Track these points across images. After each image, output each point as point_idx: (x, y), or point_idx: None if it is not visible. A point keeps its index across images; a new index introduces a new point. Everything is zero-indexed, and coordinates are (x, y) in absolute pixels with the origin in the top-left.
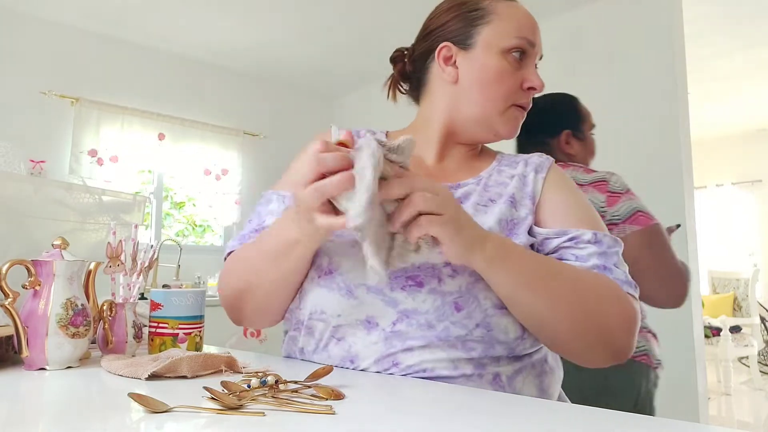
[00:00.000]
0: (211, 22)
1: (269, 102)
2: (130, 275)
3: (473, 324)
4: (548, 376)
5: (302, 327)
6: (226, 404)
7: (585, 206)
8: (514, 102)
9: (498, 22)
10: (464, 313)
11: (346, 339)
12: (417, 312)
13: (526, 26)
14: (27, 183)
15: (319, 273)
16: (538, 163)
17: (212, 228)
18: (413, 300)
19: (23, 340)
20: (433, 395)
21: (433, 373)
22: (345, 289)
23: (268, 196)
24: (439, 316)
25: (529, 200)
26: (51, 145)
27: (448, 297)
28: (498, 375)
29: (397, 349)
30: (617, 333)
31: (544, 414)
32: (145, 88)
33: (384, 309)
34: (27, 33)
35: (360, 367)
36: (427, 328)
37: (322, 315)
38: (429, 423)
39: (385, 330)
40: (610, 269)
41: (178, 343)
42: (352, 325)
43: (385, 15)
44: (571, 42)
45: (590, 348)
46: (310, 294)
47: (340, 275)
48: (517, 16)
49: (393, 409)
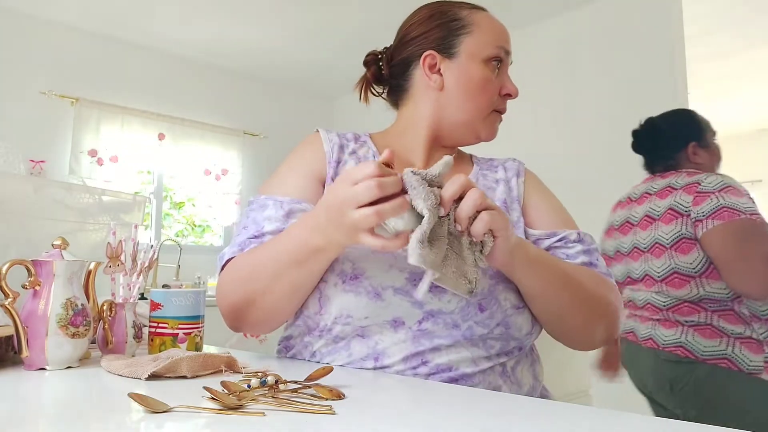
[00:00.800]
0: (211, 22)
1: (269, 102)
2: (130, 275)
3: (494, 323)
4: (537, 363)
5: (323, 332)
6: (226, 404)
7: (560, 206)
8: (495, 108)
9: (479, 33)
10: (487, 313)
11: (371, 336)
12: (442, 312)
13: (502, 36)
14: (27, 183)
15: (343, 278)
16: (516, 168)
17: (212, 228)
18: (439, 300)
19: (23, 340)
20: (432, 395)
21: (458, 371)
22: (373, 293)
23: (262, 201)
24: (464, 316)
25: (517, 204)
26: (51, 145)
27: (472, 298)
28: (504, 366)
29: (426, 347)
30: (612, 319)
31: (544, 414)
32: (145, 88)
33: (410, 310)
34: (27, 33)
35: (384, 363)
36: (453, 327)
37: (348, 319)
38: (429, 423)
39: (412, 328)
40: (594, 264)
41: (178, 343)
42: (379, 324)
43: (385, 15)
44: (571, 42)
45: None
46: (335, 299)
47: (366, 279)
48: (494, 27)
49: (393, 409)
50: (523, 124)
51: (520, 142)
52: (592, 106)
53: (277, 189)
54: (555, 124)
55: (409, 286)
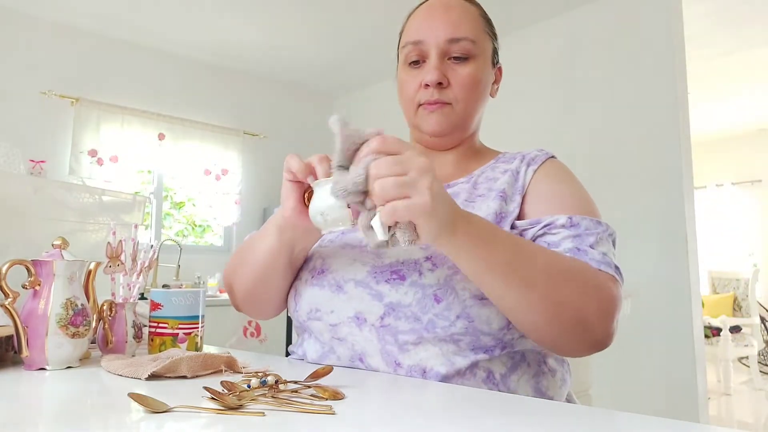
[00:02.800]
0: (211, 22)
1: (269, 102)
2: (130, 275)
3: (454, 315)
4: (546, 377)
5: (304, 331)
6: (226, 404)
7: (575, 194)
8: (418, 102)
9: (403, 38)
10: (444, 304)
11: (346, 338)
12: (401, 305)
13: (414, 29)
14: (27, 183)
15: (312, 274)
16: (532, 156)
17: (212, 228)
18: (396, 292)
19: (23, 340)
20: (432, 395)
21: (432, 372)
22: (335, 285)
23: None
24: (422, 308)
25: (518, 195)
26: (51, 145)
27: (428, 289)
28: (491, 372)
29: (395, 349)
30: (593, 320)
31: (544, 414)
32: (145, 88)
33: (371, 303)
34: (27, 33)
35: (371, 365)
36: (414, 321)
37: (317, 313)
38: (429, 423)
39: (375, 325)
40: (584, 251)
41: (178, 343)
42: (345, 323)
43: (385, 15)
44: (571, 42)
45: (566, 337)
46: (304, 294)
47: (330, 273)
48: (413, 22)
49: (393, 409)
50: (523, 124)
51: (521, 142)
52: (592, 106)
53: None
54: (555, 124)
55: (369, 278)
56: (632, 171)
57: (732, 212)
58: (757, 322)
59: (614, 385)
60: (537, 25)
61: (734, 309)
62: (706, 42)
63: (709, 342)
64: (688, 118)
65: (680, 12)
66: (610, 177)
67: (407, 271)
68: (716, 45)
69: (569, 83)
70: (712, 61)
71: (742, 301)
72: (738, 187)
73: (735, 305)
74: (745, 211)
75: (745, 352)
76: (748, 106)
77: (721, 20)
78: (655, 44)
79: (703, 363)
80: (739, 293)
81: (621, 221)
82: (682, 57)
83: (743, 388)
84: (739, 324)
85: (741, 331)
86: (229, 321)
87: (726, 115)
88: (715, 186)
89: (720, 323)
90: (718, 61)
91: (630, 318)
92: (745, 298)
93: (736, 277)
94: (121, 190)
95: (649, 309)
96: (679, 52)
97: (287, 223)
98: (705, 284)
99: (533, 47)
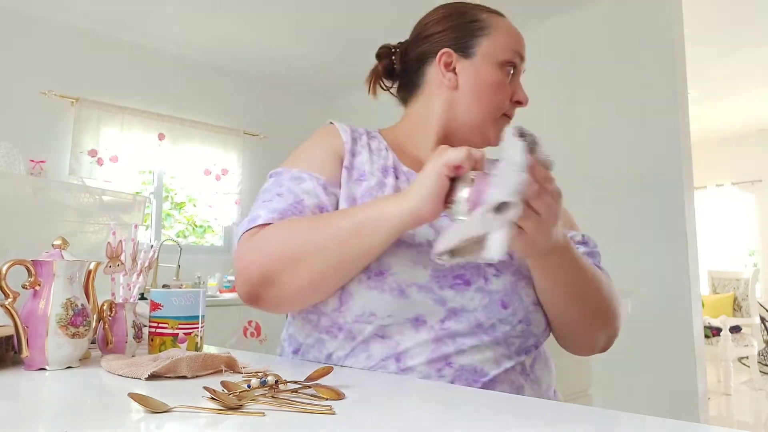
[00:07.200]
0: (211, 22)
1: (269, 102)
2: (130, 275)
3: (516, 320)
4: (551, 361)
5: (340, 330)
6: (226, 404)
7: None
8: (504, 112)
9: (496, 36)
10: (510, 310)
11: (392, 337)
12: (465, 310)
13: (518, 42)
14: (27, 183)
15: (368, 275)
16: None
17: (212, 228)
18: (462, 298)
19: (23, 340)
20: (433, 395)
21: (482, 373)
22: (397, 290)
23: (296, 173)
24: (487, 314)
25: None
26: (51, 145)
27: (495, 295)
28: (524, 364)
29: (451, 350)
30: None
31: (545, 414)
32: (145, 88)
33: (433, 307)
34: (27, 33)
35: (408, 365)
36: (476, 326)
37: (371, 317)
38: (429, 422)
39: (434, 327)
40: (601, 268)
41: (178, 343)
42: (399, 323)
43: (385, 15)
44: (571, 42)
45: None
46: (358, 296)
47: (391, 275)
48: (511, 32)
49: (393, 409)
50: (523, 124)
51: None
52: (592, 106)
53: (305, 165)
54: (555, 123)
55: (432, 283)
56: (632, 171)
57: (732, 212)
58: (757, 322)
59: (614, 385)
60: (536, 25)
61: (734, 309)
62: (706, 42)
63: (709, 342)
64: (688, 118)
65: (680, 12)
66: (611, 177)
67: (471, 276)
68: (716, 45)
69: (569, 83)
70: (712, 61)
71: (742, 301)
72: (738, 187)
73: (735, 305)
74: (745, 211)
75: (745, 352)
76: (748, 106)
77: (721, 20)
78: (655, 44)
79: (703, 363)
80: (739, 293)
81: (621, 221)
82: (682, 57)
83: (743, 388)
84: (739, 324)
85: (741, 331)
86: (229, 321)
87: (726, 115)
88: (715, 186)
89: (720, 323)
90: (718, 61)
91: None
92: (745, 298)
93: (736, 277)
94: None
95: (649, 309)
96: (679, 52)
97: (420, 221)
98: (705, 284)
99: (533, 47)
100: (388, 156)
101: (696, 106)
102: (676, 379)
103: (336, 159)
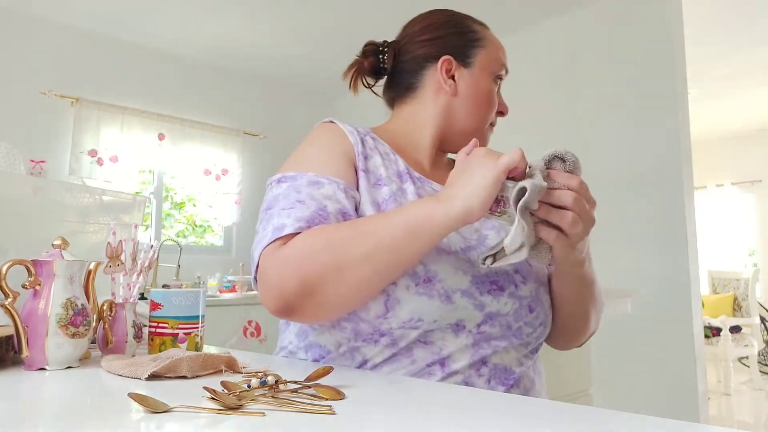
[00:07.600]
0: (211, 22)
1: (269, 102)
2: (130, 275)
3: (538, 323)
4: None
5: (382, 336)
6: (226, 404)
7: None
8: (490, 121)
9: (490, 49)
10: (534, 314)
11: (434, 342)
12: (499, 314)
13: (505, 55)
14: (27, 183)
15: (416, 281)
16: None
17: (212, 228)
18: (497, 303)
19: (23, 340)
20: (433, 395)
21: (510, 372)
22: (444, 296)
23: (311, 177)
24: (517, 317)
25: None
26: (51, 145)
27: (524, 300)
28: (535, 362)
29: (488, 352)
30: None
31: (545, 414)
32: (145, 88)
33: (473, 312)
34: (27, 33)
35: (453, 369)
36: (507, 329)
37: (418, 323)
38: (429, 422)
39: (472, 332)
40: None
41: (178, 343)
42: (442, 329)
43: (385, 15)
44: (571, 42)
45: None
46: (406, 303)
47: (438, 282)
48: (499, 45)
49: (393, 409)
50: (523, 124)
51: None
52: (592, 106)
53: (318, 168)
54: (555, 124)
55: (473, 288)
56: (632, 171)
57: (732, 212)
58: (757, 322)
59: (614, 385)
60: (536, 25)
61: (734, 309)
62: (706, 42)
63: (709, 342)
64: (687, 118)
65: (680, 12)
66: (610, 177)
67: (504, 283)
68: (716, 45)
69: (569, 83)
70: (712, 61)
71: (742, 301)
72: (738, 187)
73: (735, 305)
74: (745, 211)
75: (745, 352)
76: (748, 106)
77: (721, 20)
78: (655, 44)
79: (703, 363)
80: (739, 293)
81: (621, 221)
82: (682, 57)
83: (743, 388)
84: (739, 324)
85: (741, 331)
86: (229, 321)
87: (726, 115)
88: (715, 186)
89: (720, 323)
90: (718, 61)
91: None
92: (745, 298)
93: (736, 277)
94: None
95: (649, 309)
96: (679, 52)
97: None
98: (705, 284)
99: (533, 47)
100: (397, 160)
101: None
102: (676, 379)
103: (347, 161)
